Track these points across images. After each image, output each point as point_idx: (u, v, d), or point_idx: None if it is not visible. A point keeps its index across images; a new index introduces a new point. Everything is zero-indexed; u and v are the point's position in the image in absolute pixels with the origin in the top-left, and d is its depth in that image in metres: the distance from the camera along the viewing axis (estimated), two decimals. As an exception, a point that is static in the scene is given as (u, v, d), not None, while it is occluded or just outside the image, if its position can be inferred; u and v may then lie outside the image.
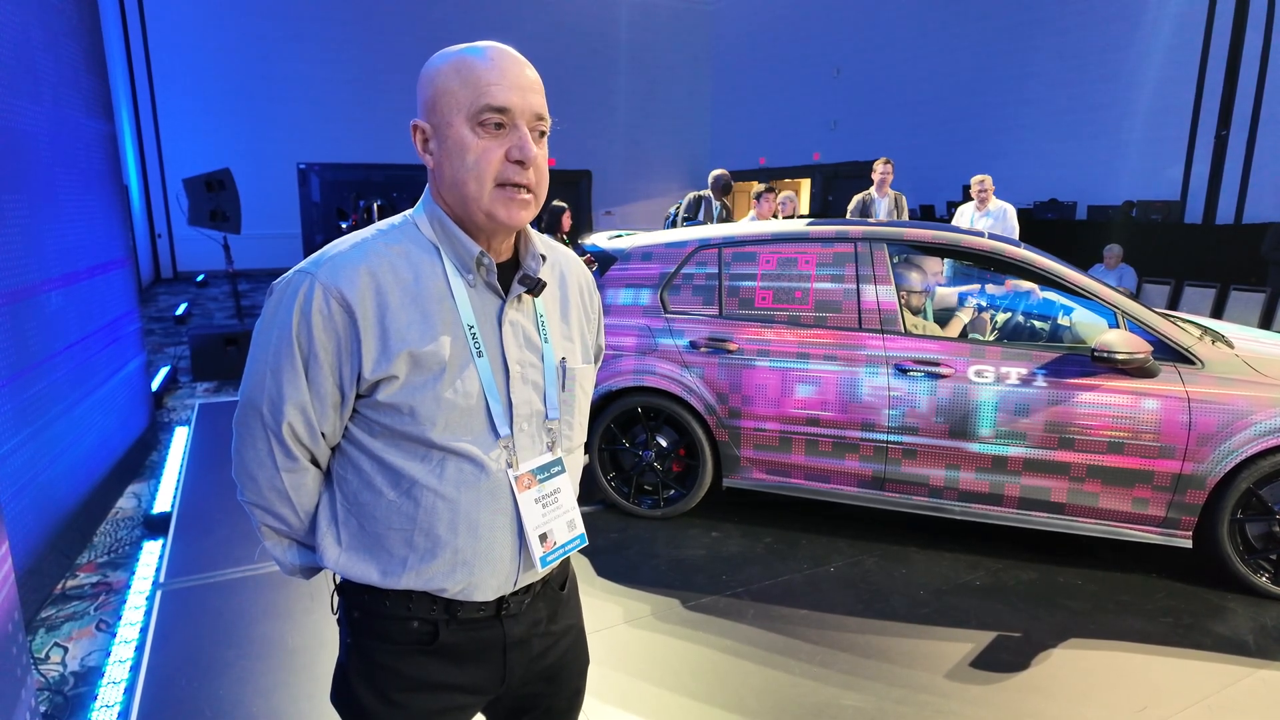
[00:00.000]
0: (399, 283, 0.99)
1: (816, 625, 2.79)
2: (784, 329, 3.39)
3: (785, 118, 16.45)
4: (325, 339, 0.97)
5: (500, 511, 1.06)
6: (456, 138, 0.98)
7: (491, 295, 1.06)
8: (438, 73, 1.00)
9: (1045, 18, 10.89)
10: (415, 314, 0.99)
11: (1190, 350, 2.96)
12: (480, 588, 1.06)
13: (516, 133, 0.98)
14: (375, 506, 1.03)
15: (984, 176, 6.72)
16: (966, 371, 3.12)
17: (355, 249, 1.01)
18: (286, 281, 1.01)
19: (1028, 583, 3.10)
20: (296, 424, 1.01)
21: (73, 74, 4.02)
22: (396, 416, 0.99)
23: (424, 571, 1.03)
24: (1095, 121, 10.28)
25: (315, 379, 0.99)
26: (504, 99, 0.97)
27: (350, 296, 0.96)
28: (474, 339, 1.02)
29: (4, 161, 3.04)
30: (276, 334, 0.99)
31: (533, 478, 1.08)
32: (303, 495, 1.07)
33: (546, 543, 1.09)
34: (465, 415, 1.02)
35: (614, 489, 3.73)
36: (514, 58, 1.01)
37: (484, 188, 0.99)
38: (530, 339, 1.09)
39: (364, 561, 1.05)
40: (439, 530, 1.03)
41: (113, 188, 4.68)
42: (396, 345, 0.97)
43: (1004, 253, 3.22)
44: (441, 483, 1.02)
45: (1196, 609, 2.90)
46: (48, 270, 3.44)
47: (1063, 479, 3.03)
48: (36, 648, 2.70)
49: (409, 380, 0.99)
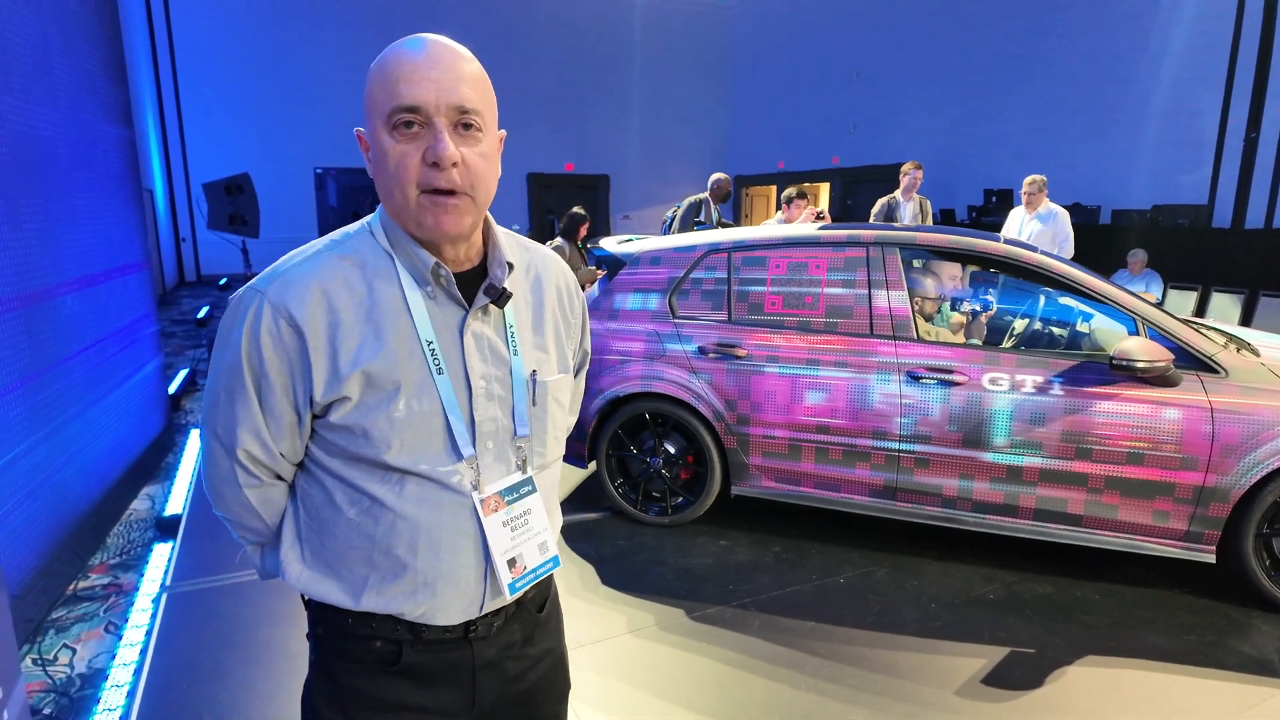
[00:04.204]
0: (352, 298, 0.95)
1: (824, 638, 2.73)
2: (794, 335, 3.34)
3: (803, 121, 16.35)
4: (276, 360, 0.94)
5: (464, 534, 1.01)
6: (378, 144, 0.93)
7: (453, 307, 1.00)
8: (368, 77, 0.95)
9: (1068, 17, 10.72)
10: (369, 331, 0.95)
11: (1213, 358, 2.87)
12: (443, 612, 1.02)
13: (431, 132, 0.91)
14: (336, 524, 1.00)
15: (1034, 177, 6.26)
16: (981, 379, 3.05)
17: (306, 263, 0.97)
18: (239, 299, 0.97)
19: (1043, 597, 3.02)
20: (252, 447, 0.98)
21: (91, 79, 4.08)
22: (350, 438, 0.96)
23: (385, 592, 1.00)
24: (1119, 123, 10.10)
25: (269, 401, 0.96)
26: (412, 97, 0.90)
27: (299, 316, 0.93)
28: (433, 355, 0.97)
29: (21, 166, 3.07)
30: (229, 355, 0.96)
31: (500, 500, 1.03)
32: (271, 508, 1.05)
33: (515, 568, 1.04)
34: (423, 436, 0.97)
35: (621, 496, 3.70)
36: (437, 49, 0.93)
37: (408, 196, 0.93)
38: (497, 351, 1.03)
39: (325, 579, 1.02)
40: (399, 551, 0.99)
41: (131, 192, 4.73)
42: (348, 366, 0.93)
43: (1019, 258, 3.14)
44: (401, 502, 0.98)
45: (1220, 626, 2.80)
46: (64, 273, 3.48)
47: (1080, 490, 2.95)
48: (46, 649, 2.72)
49: (362, 401, 0.95)
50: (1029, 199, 6.24)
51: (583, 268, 5.84)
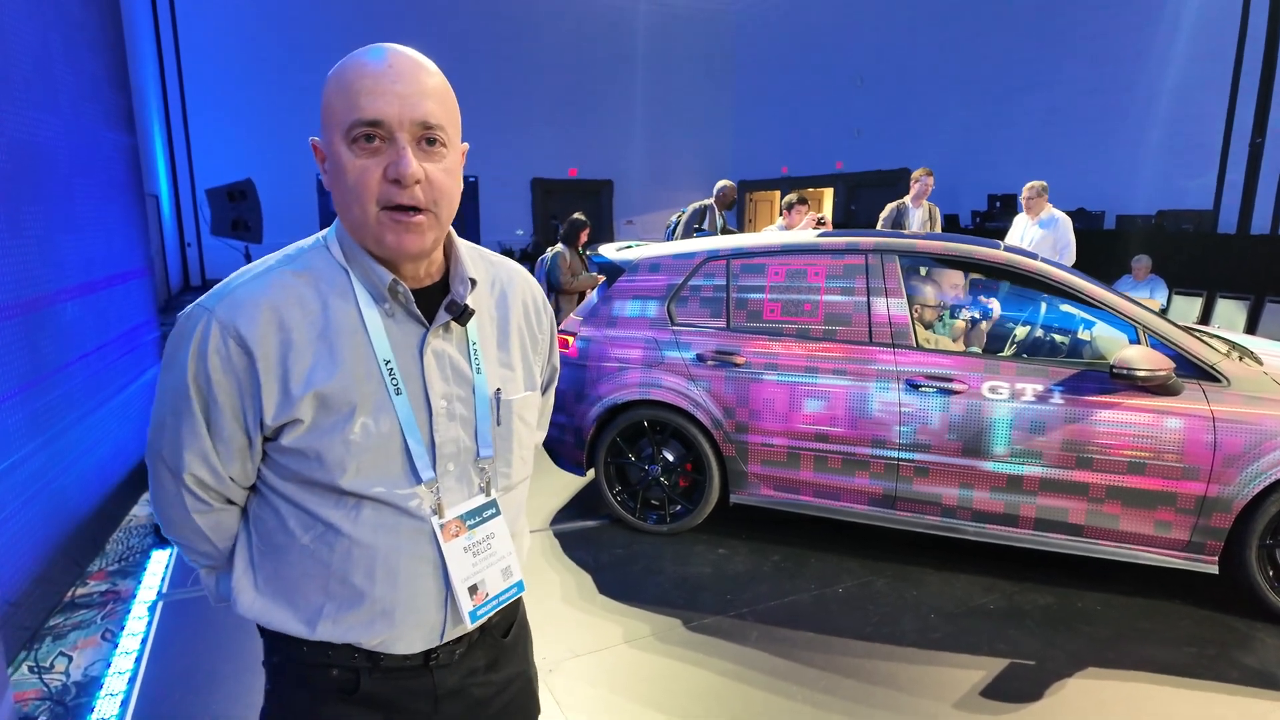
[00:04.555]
0: (305, 316, 0.92)
1: (822, 649, 2.71)
2: (792, 342, 3.33)
3: (808, 126, 16.34)
4: (225, 382, 0.90)
5: (423, 560, 0.98)
6: (336, 157, 0.90)
7: (413, 324, 0.97)
8: (325, 85, 0.91)
9: (1074, 24, 10.71)
10: (322, 350, 0.92)
11: (1215, 367, 2.84)
12: (402, 640, 0.98)
13: (394, 147, 0.88)
14: (289, 550, 0.96)
15: (1032, 183, 6.20)
16: (980, 387, 3.03)
17: (257, 280, 0.93)
18: (186, 317, 0.93)
19: (1044, 607, 2.99)
20: (199, 471, 0.95)
21: (93, 86, 4.09)
22: (303, 462, 0.92)
23: (341, 621, 0.96)
24: (1124, 129, 10.07)
25: (217, 424, 0.92)
26: (374, 110, 0.87)
27: (249, 336, 0.89)
28: (391, 375, 0.94)
29: (22, 172, 3.08)
30: (175, 377, 0.92)
31: (461, 524, 1.00)
32: (222, 532, 1.02)
33: (477, 595, 1.01)
34: (380, 459, 0.94)
35: (619, 503, 3.68)
36: (400, 61, 0.90)
37: (367, 212, 0.90)
38: (459, 370, 1.00)
39: (279, 608, 0.98)
40: (355, 578, 0.95)
41: (133, 198, 4.74)
42: (300, 387, 0.90)
43: (1019, 265, 3.12)
44: (357, 528, 0.94)
45: (1223, 638, 2.77)
46: (64, 280, 3.49)
47: (1081, 500, 2.93)
48: (42, 656, 2.71)
49: (315, 424, 0.91)
50: (1028, 205, 6.20)
51: (583, 273, 5.84)
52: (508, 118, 16.08)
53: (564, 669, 2.58)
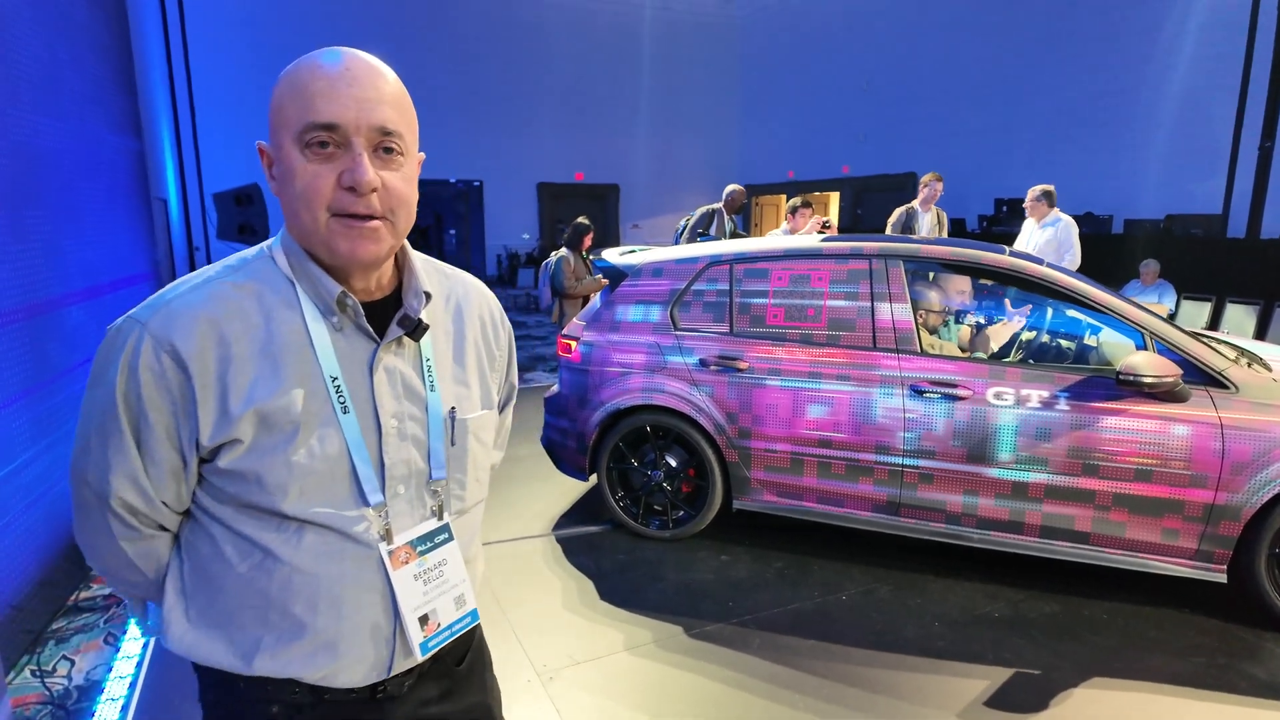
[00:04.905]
0: (246, 329, 0.86)
1: (824, 657, 2.69)
2: (796, 347, 3.31)
3: (814, 131, 16.33)
4: (158, 400, 0.84)
5: (369, 589, 0.92)
6: (286, 161, 0.86)
7: (363, 339, 0.92)
8: (275, 87, 0.87)
9: (1081, 28, 10.66)
10: (265, 366, 0.86)
11: (1223, 374, 2.81)
12: (346, 674, 0.93)
13: (349, 154, 0.84)
14: (225, 579, 0.90)
15: (1035, 188, 6.16)
16: (985, 393, 3.00)
17: (196, 291, 0.88)
18: (116, 330, 0.87)
19: (1050, 615, 2.96)
20: (128, 495, 0.88)
21: (99, 91, 4.12)
22: (242, 485, 0.86)
23: (280, 655, 0.90)
24: (1131, 132, 10.02)
25: (148, 445, 0.86)
26: (330, 114, 0.83)
27: (185, 351, 0.84)
28: (338, 392, 0.89)
29: (26, 177, 3.10)
30: (102, 394, 0.86)
31: (411, 550, 0.94)
32: (152, 561, 0.95)
33: (428, 625, 0.95)
34: (324, 481, 0.88)
35: (622, 509, 3.67)
36: (357, 65, 0.87)
37: (317, 219, 0.86)
38: (411, 387, 0.95)
39: (213, 641, 0.92)
40: (296, 609, 0.89)
41: (139, 202, 4.77)
42: (240, 405, 0.85)
43: (1024, 270, 3.10)
44: (299, 554, 0.88)
45: (1231, 648, 2.73)
46: (69, 284, 3.50)
47: (1087, 507, 2.90)
48: (45, 660, 2.71)
49: (256, 444, 0.86)
50: (1031, 209, 6.17)
51: (587, 278, 5.83)
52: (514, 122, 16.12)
53: (564, 676, 2.57)
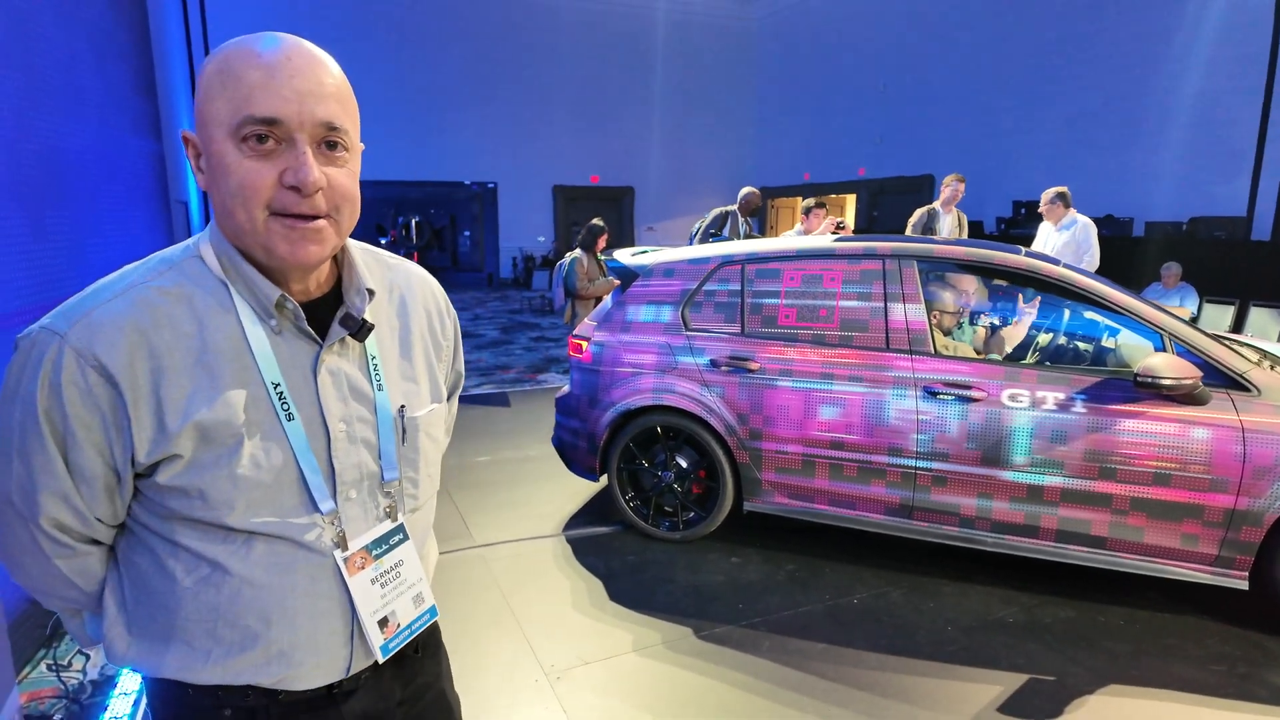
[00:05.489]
0: (178, 339, 0.81)
1: (835, 661, 2.66)
2: (808, 348, 3.29)
3: (830, 133, 16.27)
4: (86, 416, 0.79)
5: (324, 597, 0.89)
6: (218, 155, 0.79)
7: (304, 342, 0.88)
8: (203, 72, 0.81)
9: (1101, 29, 10.54)
10: (201, 377, 0.81)
11: (1245, 376, 2.75)
12: (302, 679, 0.90)
13: (292, 150, 0.79)
14: (168, 595, 0.86)
15: (1049, 189, 6.09)
16: (1000, 395, 2.96)
17: (119, 300, 0.81)
18: (31, 342, 0.80)
19: (1065, 621, 2.91)
20: (59, 514, 0.84)
21: (121, 95, 4.18)
22: (184, 500, 0.82)
23: (231, 665, 0.87)
24: (1152, 134, 9.88)
25: (77, 463, 0.81)
26: (270, 108, 0.77)
27: (112, 364, 0.78)
28: (280, 399, 0.85)
29: (48, 178, 3.14)
30: (20, 410, 0.80)
31: (366, 555, 0.91)
32: (88, 576, 0.91)
33: (388, 627, 0.94)
34: (271, 492, 0.84)
35: (632, 510, 3.66)
36: (298, 53, 0.81)
37: (254, 218, 0.80)
38: (358, 389, 0.91)
39: (158, 654, 0.88)
40: (247, 621, 0.86)
41: (158, 205, 4.84)
42: (177, 420, 0.80)
43: (1040, 271, 3.06)
44: (248, 567, 0.85)
45: (1252, 657, 2.68)
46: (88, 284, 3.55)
47: (1104, 511, 2.85)
48: (61, 654, 2.74)
49: (196, 458, 0.81)
50: (1047, 212, 6.11)
51: (600, 279, 5.83)
52: (529, 125, 16.19)
53: (572, 676, 2.56)
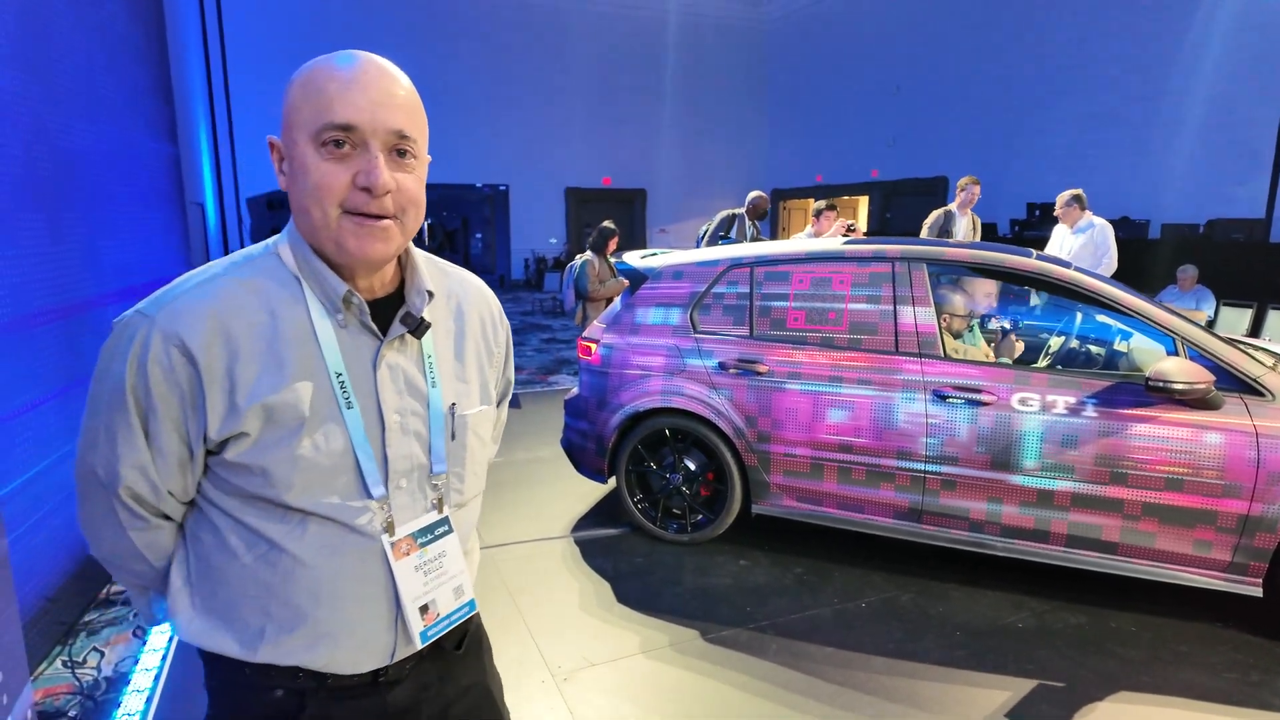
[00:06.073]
0: (252, 326, 0.88)
1: (842, 665, 2.65)
2: (816, 351, 3.28)
3: (843, 134, 16.22)
4: (166, 393, 0.86)
5: (370, 581, 0.94)
6: (299, 159, 0.88)
7: (366, 336, 0.94)
8: (290, 86, 0.90)
9: (1115, 30, 10.46)
10: (270, 362, 0.88)
11: (1259, 381, 2.72)
12: (347, 662, 0.95)
13: (365, 155, 0.87)
14: (228, 570, 0.93)
15: (1064, 193, 6.06)
16: (1010, 399, 2.95)
17: (202, 288, 0.90)
18: (124, 324, 0.89)
19: (1076, 627, 2.89)
20: (137, 485, 0.91)
21: (137, 98, 4.23)
22: (248, 477, 0.89)
23: (282, 644, 0.93)
24: (1169, 135, 9.79)
25: (156, 437, 0.88)
26: (347, 115, 0.85)
27: (193, 345, 0.85)
28: (342, 388, 0.91)
29: (65, 180, 3.19)
30: (110, 387, 0.88)
31: (412, 542, 0.97)
32: (157, 551, 0.97)
33: (428, 615, 0.98)
34: (328, 475, 0.90)
35: (640, 512, 3.66)
36: (374, 68, 0.89)
37: (328, 215, 0.88)
38: (413, 383, 0.97)
39: (218, 630, 0.94)
40: (298, 600, 0.92)
41: (173, 206, 4.89)
42: (246, 399, 0.87)
43: (1050, 274, 3.04)
44: (302, 546, 0.91)
45: (1267, 664, 2.65)
46: (105, 285, 3.60)
47: (1115, 517, 2.83)
48: (76, 651, 2.78)
49: (262, 438, 0.88)
50: (1062, 215, 6.06)
51: (610, 280, 5.85)
52: (542, 128, 16.24)
53: (579, 678, 2.57)
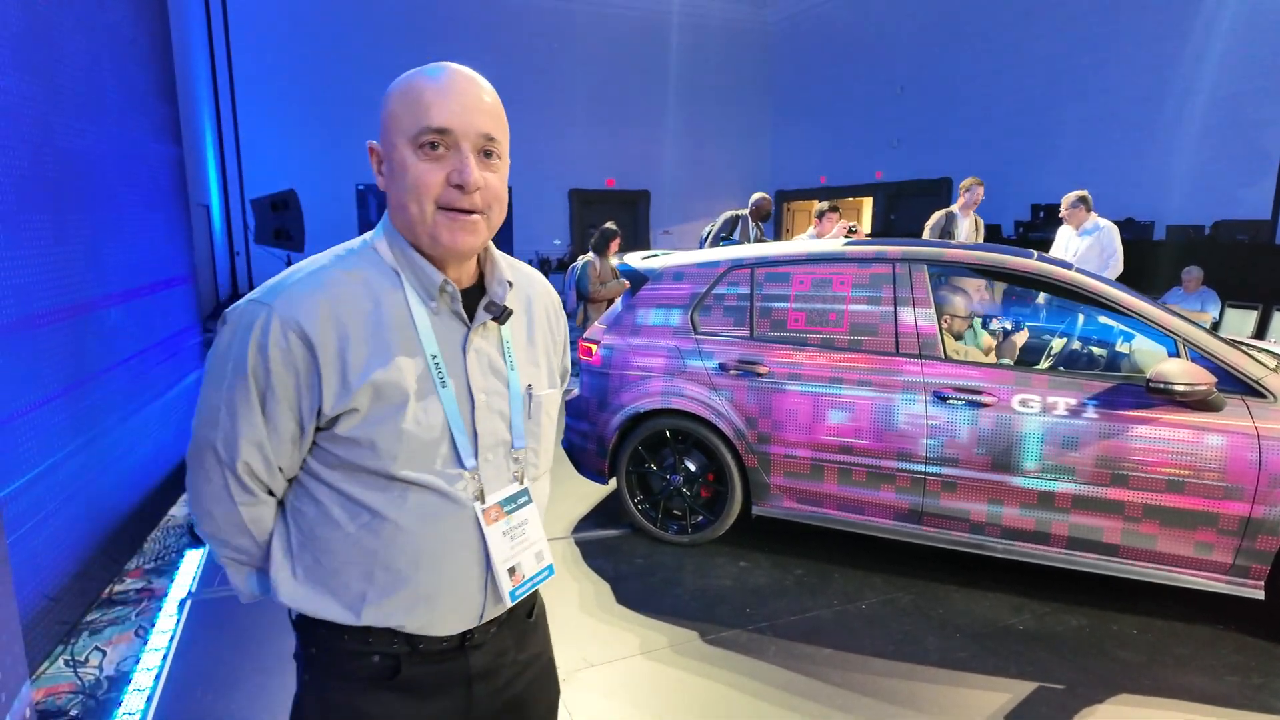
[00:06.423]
0: (359, 312, 0.97)
1: (841, 666, 2.65)
2: (816, 352, 3.28)
3: (846, 136, 16.19)
4: (284, 374, 0.95)
5: (465, 545, 1.03)
6: (399, 160, 0.97)
7: (456, 323, 1.04)
8: (388, 95, 1.00)
9: (1122, 29, 10.42)
10: (376, 345, 0.97)
11: (1260, 382, 2.71)
12: (442, 623, 1.03)
13: (458, 155, 0.96)
14: (333, 540, 1.01)
15: (1070, 194, 6.05)
16: (1010, 400, 2.94)
17: (312, 277, 0.98)
18: (241, 312, 0.97)
19: (1076, 629, 2.88)
20: (253, 461, 0.99)
21: (141, 100, 4.25)
22: (356, 449, 0.97)
23: (384, 606, 1.00)
24: (1174, 137, 9.75)
25: (272, 415, 0.96)
26: (443, 120, 0.95)
27: (310, 329, 0.94)
28: (437, 369, 1.00)
29: (69, 182, 3.20)
30: (231, 368, 0.96)
31: (500, 510, 1.06)
32: (261, 526, 1.05)
33: (515, 576, 1.07)
34: (428, 447, 0.99)
35: (641, 513, 3.66)
36: (463, 79, 0.99)
37: (425, 210, 0.97)
38: (496, 366, 1.07)
39: (321, 596, 1.01)
40: (400, 564, 1.00)
41: (178, 207, 4.91)
42: (357, 378, 0.95)
43: (1051, 275, 3.03)
44: (403, 514, 0.99)
45: (1268, 668, 2.63)
46: (108, 286, 3.61)
47: (1116, 518, 2.82)
48: (78, 650, 2.80)
49: (370, 413, 0.96)
50: (1068, 216, 6.03)
51: (612, 282, 5.86)
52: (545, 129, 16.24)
53: (578, 679, 2.57)
